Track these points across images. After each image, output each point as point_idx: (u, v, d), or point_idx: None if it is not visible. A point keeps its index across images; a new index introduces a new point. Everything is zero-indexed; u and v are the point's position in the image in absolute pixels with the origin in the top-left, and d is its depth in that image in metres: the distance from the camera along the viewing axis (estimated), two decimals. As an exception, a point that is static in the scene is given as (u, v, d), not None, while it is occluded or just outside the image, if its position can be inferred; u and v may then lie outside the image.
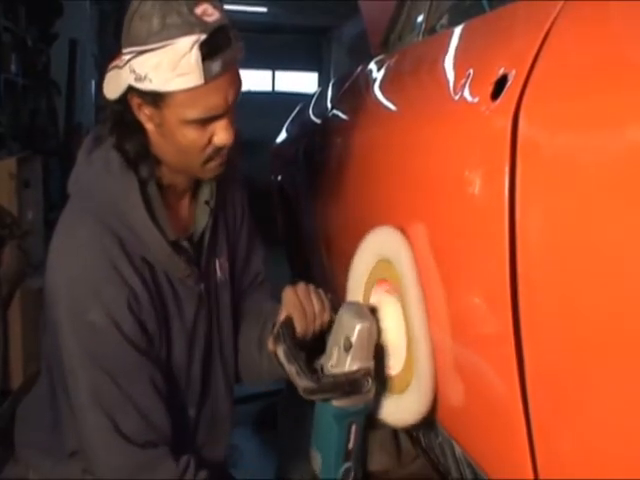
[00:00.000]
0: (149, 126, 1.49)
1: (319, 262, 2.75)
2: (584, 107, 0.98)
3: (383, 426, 1.71)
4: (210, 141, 1.49)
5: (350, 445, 1.52)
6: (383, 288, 1.64)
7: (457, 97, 1.39)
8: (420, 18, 2.18)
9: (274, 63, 17.54)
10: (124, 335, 1.47)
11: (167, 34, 1.35)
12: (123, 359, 1.48)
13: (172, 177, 1.59)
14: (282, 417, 3.15)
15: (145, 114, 1.47)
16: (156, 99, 1.41)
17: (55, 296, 1.48)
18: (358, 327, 1.46)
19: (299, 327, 1.63)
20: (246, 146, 1.96)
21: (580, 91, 1.00)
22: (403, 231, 1.55)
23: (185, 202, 1.67)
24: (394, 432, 3.06)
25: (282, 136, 4.05)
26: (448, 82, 1.49)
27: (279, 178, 3.80)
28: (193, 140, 1.47)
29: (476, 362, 1.33)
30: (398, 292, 1.55)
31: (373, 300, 1.66)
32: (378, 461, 3.11)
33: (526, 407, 1.13)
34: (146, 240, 1.51)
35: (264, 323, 1.75)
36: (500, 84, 1.22)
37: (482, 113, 1.26)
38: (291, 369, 1.48)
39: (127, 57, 1.40)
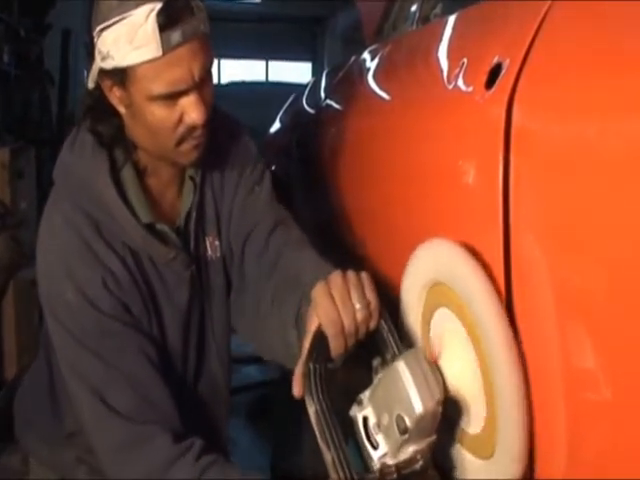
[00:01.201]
0: (121, 109, 1.46)
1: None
2: (578, 96, 0.98)
3: None
4: (181, 120, 1.43)
5: None
6: (446, 316, 1.28)
7: (451, 86, 1.39)
8: (414, 7, 2.18)
9: (268, 53, 17.53)
10: (102, 312, 1.46)
11: (124, 7, 1.32)
12: (105, 335, 1.47)
13: (151, 161, 1.56)
14: (277, 407, 3.15)
15: (116, 96, 1.44)
16: (121, 77, 1.38)
17: (38, 281, 1.51)
18: (418, 412, 1.14)
19: (334, 348, 1.28)
20: None
21: (574, 80, 1.00)
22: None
23: (172, 188, 1.64)
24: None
25: (276, 126, 4.05)
26: (442, 71, 1.48)
27: (272, 168, 3.79)
28: (162, 118, 1.42)
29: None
30: (471, 328, 1.20)
31: (434, 330, 1.33)
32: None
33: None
34: (121, 223, 1.49)
35: (300, 302, 1.45)
36: (494, 73, 1.21)
37: (476, 102, 1.26)
38: (326, 454, 1.20)
39: (95, 40, 1.39)
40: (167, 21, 1.33)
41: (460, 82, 1.36)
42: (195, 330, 1.67)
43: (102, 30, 1.36)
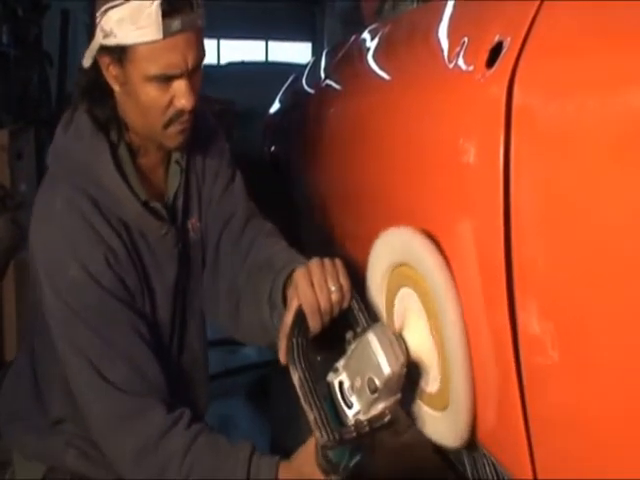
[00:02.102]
0: (116, 87, 1.55)
1: (311, 232, 2.75)
2: (580, 74, 0.98)
3: None
4: (171, 103, 1.53)
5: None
6: (408, 296, 1.47)
7: (452, 65, 1.39)
8: (414, -14, 2.17)
9: (267, 33, 17.47)
10: (103, 288, 1.52)
11: None
12: (104, 311, 1.53)
13: (141, 142, 1.64)
14: (275, 387, 3.17)
15: (112, 74, 1.52)
16: (121, 55, 1.47)
17: (36, 260, 1.54)
18: (386, 373, 1.32)
19: (312, 323, 1.46)
20: (239, 116, 2.02)
21: (575, 58, 1.00)
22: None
23: (160, 169, 1.71)
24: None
25: (275, 106, 4.05)
26: (443, 50, 1.48)
27: (272, 148, 3.79)
28: (154, 98, 1.51)
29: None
30: (429, 304, 1.39)
31: (398, 308, 1.52)
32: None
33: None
34: (119, 200, 1.57)
35: (274, 280, 1.59)
36: (495, 52, 1.21)
37: (477, 81, 1.25)
38: (309, 413, 1.37)
39: (98, 19, 1.49)
40: (169, 9, 1.43)
41: (461, 61, 1.35)
42: (180, 306, 1.74)
43: (107, 10, 1.45)
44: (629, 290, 0.87)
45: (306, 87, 3.13)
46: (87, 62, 1.55)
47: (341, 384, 1.41)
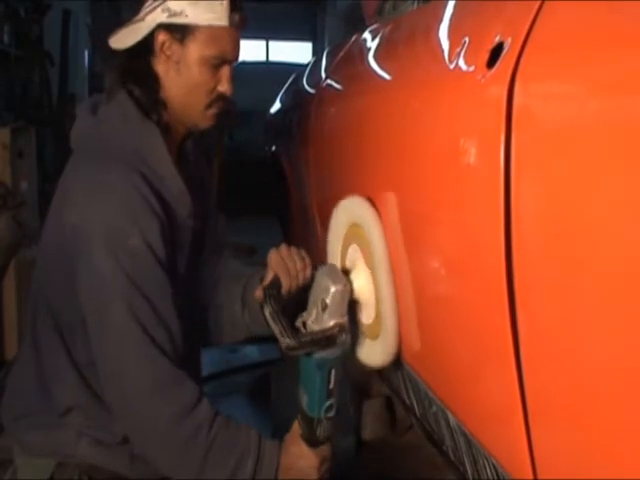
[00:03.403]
0: (164, 67, 1.68)
1: (313, 231, 2.75)
2: (581, 75, 0.98)
3: (377, 395, 1.96)
4: (215, 87, 1.70)
5: (331, 386, 1.69)
6: (355, 250, 1.85)
7: (452, 65, 1.39)
8: (415, -14, 2.17)
9: (268, 33, 17.44)
10: (156, 258, 1.60)
11: None
12: (156, 280, 1.60)
13: (173, 123, 1.75)
14: (276, 386, 3.17)
15: (165, 53, 1.67)
16: (185, 34, 1.64)
17: (90, 234, 1.56)
18: (332, 290, 1.64)
19: (284, 283, 1.78)
20: (240, 116, 2.09)
21: (576, 58, 1.00)
22: (388, 197, 1.69)
23: (174, 152, 1.79)
24: (389, 402, 3.08)
25: (276, 106, 4.04)
26: (443, 50, 1.48)
27: (273, 148, 3.79)
28: (204, 80, 1.68)
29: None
30: (367, 255, 1.77)
31: (348, 260, 1.88)
32: (373, 430, 3.14)
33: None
34: (164, 179, 1.67)
35: (245, 285, 1.93)
36: (496, 52, 1.21)
37: (478, 81, 1.25)
38: (275, 329, 1.62)
39: (156, 3, 1.62)
40: (234, 6, 1.66)
41: (461, 61, 1.35)
42: (187, 283, 1.79)
43: None
44: (629, 289, 0.87)
45: (307, 87, 3.13)
46: (123, 45, 1.67)
47: (304, 323, 1.69)
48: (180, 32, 1.64)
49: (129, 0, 1.60)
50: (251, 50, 16.36)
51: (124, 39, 1.67)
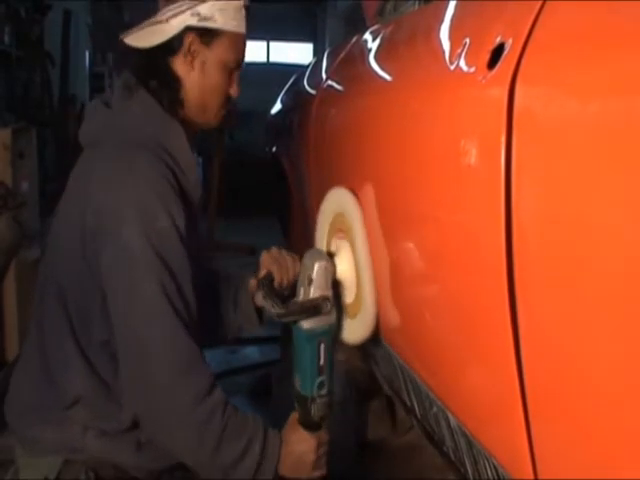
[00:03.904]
0: (186, 68, 1.79)
1: (313, 232, 2.76)
2: (582, 76, 0.98)
3: (378, 395, 1.98)
4: (228, 90, 1.85)
5: (321, 362, 1.81)
6: (340, 236, 2.04)
7: (453, 66, 1.39)
8: (416, -13, 2.17)
9: (269, 34, 17.45)
10: (181, 240, 1.66)
11: None
12: (181, 261, 1.66)
13: (188, 120, 1.85)
14: (276, 387, 3.17)
15: (193, 53, 1.78)
16: (213, 37, 1.77)
17: (122, 215, 1.61)
18: (316, 265, 1.83)
19: (277, 276, 1.96)
20: (241, 116, 2.14)
21: (578, 59, 1.00)
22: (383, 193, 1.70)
23: None
24: (390, 403, 3.08)
25: (277, 107, 4.04)
26: (444, 51, 1.48)
27: (273, 148, 3.79)
28: (223, 82, 1.82)
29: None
30: (350, 240, 1.95)
31: (333, 246, 2.08)
32: (373, 431, 3.14)
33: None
34: (184, 171, 1.75)
35: (237, 285, 2.09)
36: (497, 53, 1.21)
37: (478, 82, 1.25)
38: (267, 304, 1.82)
39: (184, 7, 1.73)
40: (246, 13, 1.81)
41: (462, 62, 1.35)
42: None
43: (207, 0, 1.74)
44: (630, 289, 0.87)
45: (307, 88, 3.13)
46: (148, 43, 1.76)
47: (295, 303, 1.85)
48: (208, 36, 1.76)
49: (130, 0, 1.62)
50: (252, 51, 16.36)
51: (149, 38, 1.76)
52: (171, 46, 1.77)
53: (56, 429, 1.72)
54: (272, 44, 18.01)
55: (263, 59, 16.89)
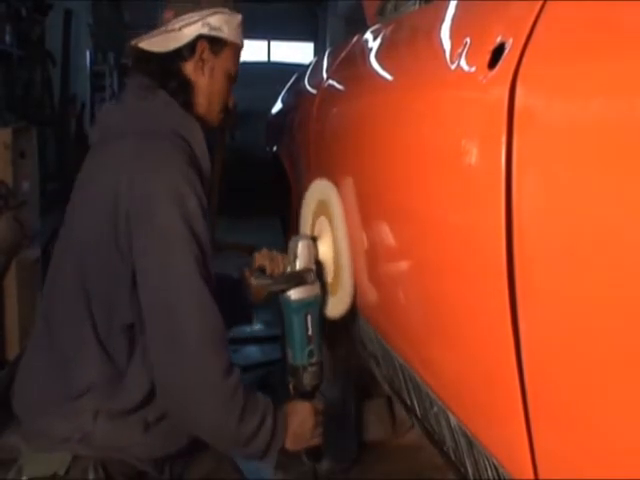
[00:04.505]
0: (197, 74, 1.93)
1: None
2: (582, 76, 0.98)
3: (378, 395, 1.98)
4: (228, 97, 2.01)
5: (309, 332, 2.03)
6: (322, 222, 2.25)
7: (454, 66, 1.39)
8: (416, -14, 2.17)
9: (270, 33, 17.46)
10: (205, 219, 1.75)
11: (231, 7, 1.95)
12: (206, 238, 1.75)
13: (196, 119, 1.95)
14: (277, 386, 3.17)
15: (204, 59, 1.92)
16: (220, 46, 1.93)
17: (158, 197, 1.70)
18: (300, 243, 2.10)
19: (268, 268, 2.13)
20: (242, 116, 2.19)
21: (578, 59, 1.00)
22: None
23: None
24: (390, 403, 3.08)
25: (277, 106, 4.04)
26: (445, 51, 1.48)
27: (274, 148, 3.79)
28: (225, 89, 1.99)
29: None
30: (332, 224, 2.17)
31: (316, 230, 2.29)
32: (374, 431, 3.14)
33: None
34: (201, 159, 1.85)
35: (231, 281, 2.20)
36: (497, 53, 1.21)
37: (479, 82, 1.25)
38: (258, 279, 2.06)
39: (195, 17, 1.89)
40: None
41: (463, 62, 1.35)
42: None
43: (217, 12, 1.91)
44: (630, 290, 0.87)
45: (308, 87, 3.13)
46: (172, 46, 1.89)
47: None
48: (217, 45, 1.93)
49: (130, 0, 1.64)
50: (253, 50, 16.37)
51: (164, 44, 1.90)
52: (184, 52, 1.91)
53: (66, 416, 1.73)
54: (273, 43, 18.03)
55: (264, 58, 16.89)
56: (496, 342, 1.20)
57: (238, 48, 2.00)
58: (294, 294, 2.02)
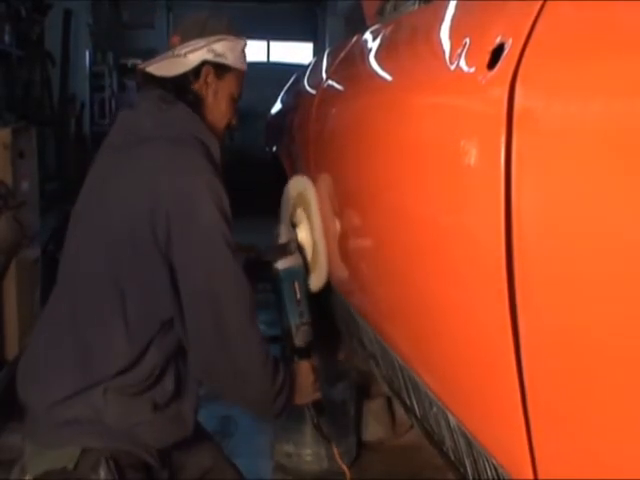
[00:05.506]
0: (207, 92, 2.05)
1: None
2: (581, 76, 0.98)
3: (378, 396, 2.02)
4: (230, 119, 2.12)
5: (298, 296, 2.26)
6: (301, 211, 2.62)
7: (453, 66, 1.39)
8: (416, -13, 2.17)
9: (269, 33, 17.45)
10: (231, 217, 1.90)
11: (235, 33, 2.07)
12: (231, 232, 1.87)
13: None
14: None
15: (208, 83, 2.03)
16: (224, 71, 2.04)
17: (199, 197, 1.83)
18: (282, 225, 2.58)
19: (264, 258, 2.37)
20: (241, 116, 2.20)
21: (577, 59, 1.00)
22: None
23: None
24: (389, 403, 3.08)
25: (277, 106, 4.04)
26: (444, 51, 1.48)
27: (274, 148, 3.79)
28: (228, 111, 2.10)
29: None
30: (308, 213, 2.55)
31: (296, 218, 2.65)
32: (373, 432, 3.14)
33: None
34: (216, 159, 1.96)
35: None
36: (497, 53, 1.21)
37: (478, 82, 1.25)
38: (250, 255, 2.31)
39: (201, 44, 2.00)
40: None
41: (462, 62, 1.35)
42: None
43: (222, 40, 2.03)
44: (630, 290, 0.87)
45: (308, 87, 3.13)
46: (171, 73, 2.01)
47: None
48: (221, 70, 2.03)
49: (129, 0, 1.64)
50: (252, 50, 16.35)
51: (170, 69, 2.01)
52: (190, 76, 2.02)
53: (77, 394, 1.75)
54: (272, 44, 18.00)
55: (263, 59, 16.87)
56: (495, 342, 1.20)
57: (241, 73, 2.10)
58: (281, 264, 2.29)
